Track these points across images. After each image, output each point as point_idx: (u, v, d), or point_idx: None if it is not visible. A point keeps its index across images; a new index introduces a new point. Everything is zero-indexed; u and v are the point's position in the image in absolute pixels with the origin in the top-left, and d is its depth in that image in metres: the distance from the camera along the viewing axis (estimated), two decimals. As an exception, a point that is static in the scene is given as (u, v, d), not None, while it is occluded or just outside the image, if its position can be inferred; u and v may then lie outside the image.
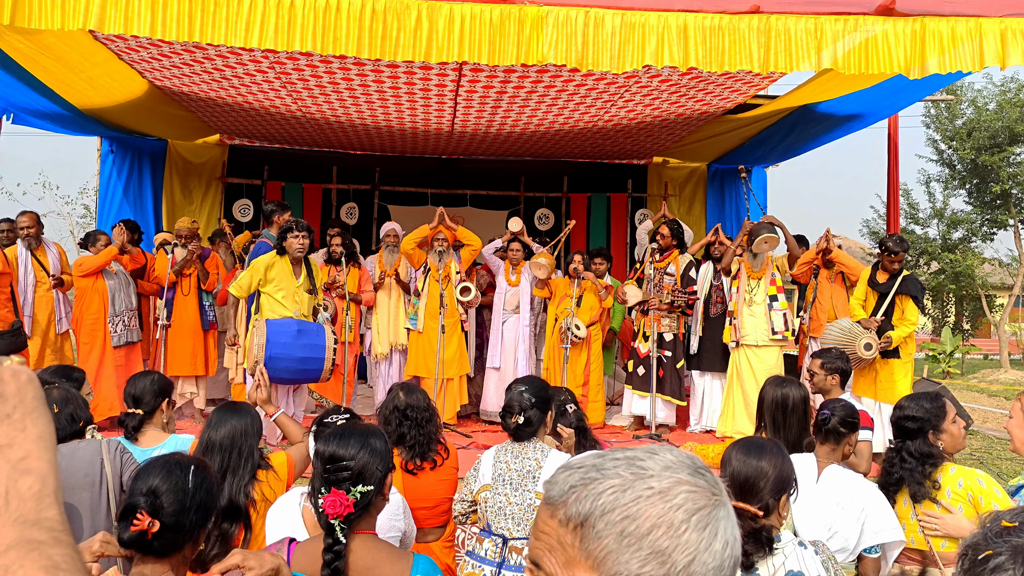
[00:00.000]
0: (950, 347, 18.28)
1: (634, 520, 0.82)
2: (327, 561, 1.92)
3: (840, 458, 3.02)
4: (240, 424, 2.67)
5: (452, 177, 10.19)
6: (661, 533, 0.81)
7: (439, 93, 6.91)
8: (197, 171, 9.66)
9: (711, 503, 0.84)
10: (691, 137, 8.62)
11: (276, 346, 5.29)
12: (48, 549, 0.56)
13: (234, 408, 2.77)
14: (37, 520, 0.58)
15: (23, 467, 0.59)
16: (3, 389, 0.62)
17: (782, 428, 3.23)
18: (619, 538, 0.82)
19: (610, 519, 0.82)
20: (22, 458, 0.60)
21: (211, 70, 6.48)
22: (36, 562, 0.55)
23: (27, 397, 0.63)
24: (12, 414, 0.61)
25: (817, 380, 4.12)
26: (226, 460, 2.60)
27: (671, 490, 0.83)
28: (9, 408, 0.61)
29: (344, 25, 4.06)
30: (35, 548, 0.56)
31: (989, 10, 4.43)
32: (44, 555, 0.56)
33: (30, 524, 0.57)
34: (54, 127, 7.91)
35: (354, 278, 7.29)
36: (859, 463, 3.89)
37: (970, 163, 21.50)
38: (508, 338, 7.24)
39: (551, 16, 4.18)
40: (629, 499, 0.83)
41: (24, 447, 0.60)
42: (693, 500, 0.83)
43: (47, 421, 0.63)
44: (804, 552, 2.14)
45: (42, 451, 0.61)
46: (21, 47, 5.57)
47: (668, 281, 6.88)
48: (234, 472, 2.59)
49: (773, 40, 4.30)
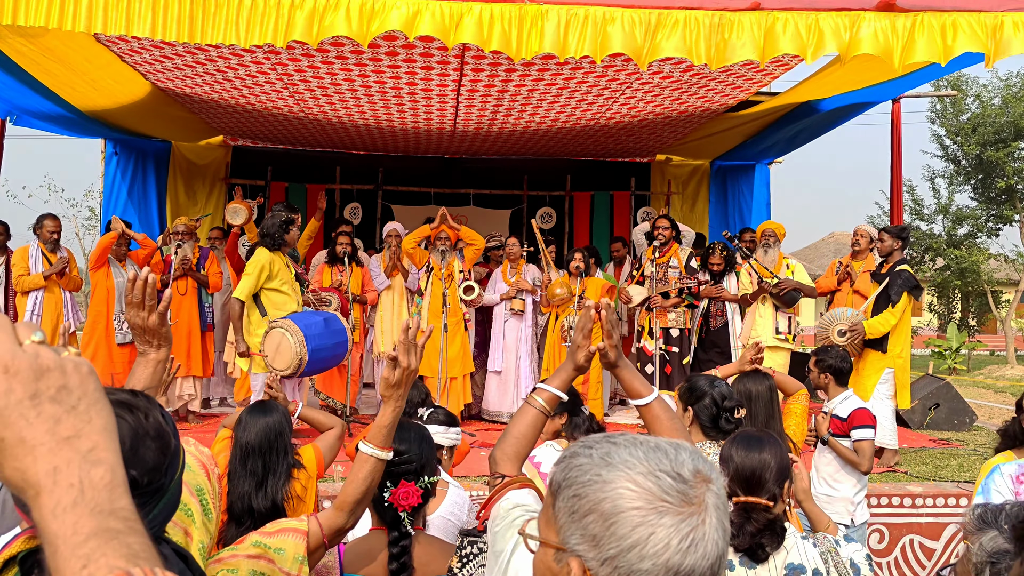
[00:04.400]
0: (956, 343, 18.23)
1: (579, 500, 0.87)
2: (395, 554, 1.91)
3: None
4: (273, 424, 2.66)
5: (455, 176, 10.19)
6: (592, 519, 0.85)
7: (441, 92, 6.92)
8: (201, 172, 9.69)
9: (653, 507, 0.83)
10: (694, 134, 8.61)
11: (314, 339, 5.12)
12: (126, 538, 0.58)
13: (263, 408, 2.73)
14: (112, 510, 0.59)
15: (93, 458, 0.60)
16: (67, 381, 0.62)
17: (748, 416, 3.31)
18: (568, 512, 0.88)
19: (567, 493, 0.90)
20: (91, 449, 0.60)
21: (213, 71, 6.50)
22: (116, 550, 0.56)
23: (90, 389, 0.63)
24: (77, 405, 0.62)
25: (812, 378, 4.21)
26: (266, 462, 2.59)
27: (613, 483, 0.86)
28: (74, 400, 0.62)
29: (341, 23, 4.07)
30: (114, 537, 0.57)
31: (990, 4, 4.42)
32: (123, 543, 0.57)
33: (106, 514, 0.58)
34: (57, 129, 7.94)
35: (357, 278, 7.30)
36: (861, 461, 3.90)
37: (975, 158, 21.40)
38: (510, 338, 7.23)
39: (551, 12, 4.19)
40: (583, 480, 0.88)
41: (92, 438, 0.61)
42: (630, 499, 0.84)
43: (110, 412, 0.64)
44: (805, 544, 2.14)
45: (108, 441, 0.62)
46: (24, 50, 5.59)
47: (673, 274, 6.89)
48: (273, 472, 2.59)
49: (773, 36, 4.29)
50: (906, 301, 5.78)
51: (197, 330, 6.94)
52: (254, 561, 1.72)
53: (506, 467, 1.71)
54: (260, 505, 2.53)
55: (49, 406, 0.60)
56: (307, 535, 1.79)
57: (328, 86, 6.82)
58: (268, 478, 2.57)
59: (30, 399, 0.60)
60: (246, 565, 1.71)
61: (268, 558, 1.73)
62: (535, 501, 1.54)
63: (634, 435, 0.93)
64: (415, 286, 7.31)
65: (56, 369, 0.62)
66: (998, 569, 1.39)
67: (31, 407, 0.60)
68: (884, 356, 5.78)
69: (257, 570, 1.71)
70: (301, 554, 1.76)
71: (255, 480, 2.56)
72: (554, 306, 6.96)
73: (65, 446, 0.60)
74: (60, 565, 0.56)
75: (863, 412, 3.97)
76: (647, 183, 10.34)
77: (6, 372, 0.60)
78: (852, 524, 3.95)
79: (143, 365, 1.85)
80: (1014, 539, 1.40)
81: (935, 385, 7.75)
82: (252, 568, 1.71)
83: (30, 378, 0.61)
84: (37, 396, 0.60)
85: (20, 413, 0.60)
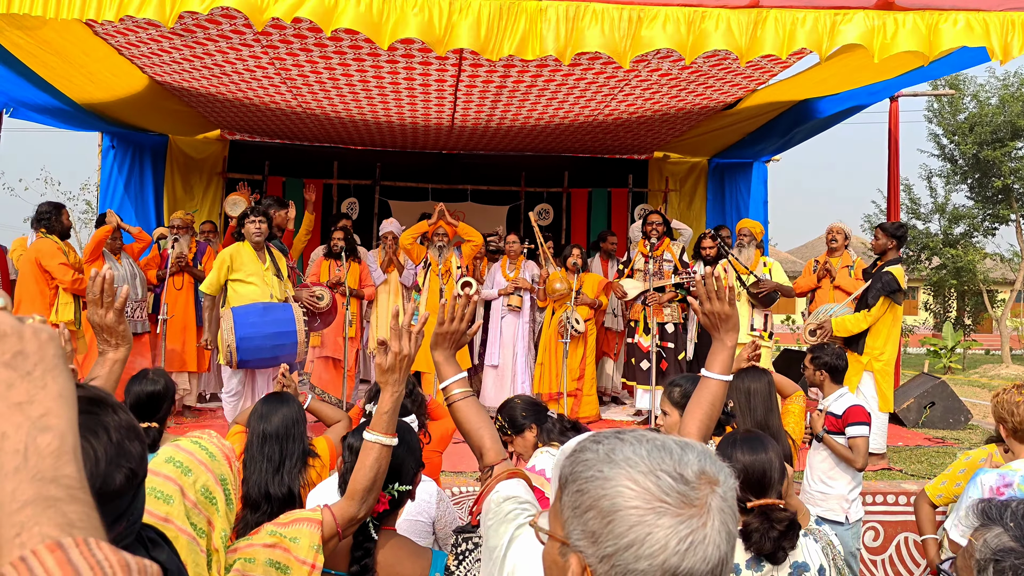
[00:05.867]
0: (951, 342, 18.27)
1: (581, 495, 0.87)
2: (357, 557, 1.92)
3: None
4: (290, 413, 2.71)
5: (452, 172, 10.19)
6: (592, 516, 0.85)
7: (439, 87, 6.91)
8: (198, 166, 9.66)
9: (651, 507, 0.82)
10: (691, 132, 8.61)
11: (245, 327, 5.21)
12: (64, 506, 0.57)
13: (281, 398, 2.79)
14: (55, 477, 0.58)
15: (42, 424, 0.60)
16: (24, 346, 0.62)
17: (748, 411, 3.32)
18: (572, 507, 0.88)
19: (571, 488, 0.90)
20: (42, 415, 0.60)
21: (211, 65, 6.48)
22: (51, 519, 0.56)
23: (48, 355, 0.63)
24: (33, 371, 0.62)
25: (807, 374, 4.21)
26: (284, 449, 2.63)
27: (613, 480, 0.85)
28: (30, 365, 0.62)
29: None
30: (51, 505, 0.57)
31: (990, 4, 4.42)
32: (60, 512, 0.57)
33: (47, 481, 0.58)
34: (54, 122, 7.92)
35: (355, 273, 7.29)
36: (855, 459, 3.91)
37: (972, 158, 21.43)
38: (507, 334, 7.24)
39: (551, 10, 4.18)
40: (587, 475, 0.88)
41: (44, 404, 0.61)
42: (629, 498, 0.83)
43: (67, 379, 0.64)
44: (806, 541, 2.14)
45: (62, 408, 0.62)
46: (21, 42, 5.57)
47: (668, 268, 6.90)
48: (290, 457, 2.64)
49: (772, 34, 4.29)
50: (882, 306, 5.63)
51: (193, 325, 6.92)
52: (270, 550, 1.74)
53: (489, 456, 1.75)
54: (277, 490, 2.55)
55: (2, 371, 0.61)
56: (321, 524, 1.82)
57: (326, 81, 6.80)
58: (284, 463, 2.61)
59: None
60: (263, 554, 1.73)
61: (283, 547, 1.76)
62: (525, 491, 1.55)
63: (643, 432, 0.92)
64: (411, 282, 7.30)
65: (13, 335, 0.62)
66: (1002, 567, 1.38)
67: None
68: (860, 357, 5.66)
69: (273, 559, 1.74)
70: (316, 543, 1.79)
71: (272, 466, 2.59)
72: (552, 301, 6.96)
73: (16, 411, 0.60)
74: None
75: (858, 409, 3.98)
76: (645, 180, 10.34)
77: None
78: (847, 521, 3.96)
79: (101, 365, 1.84)
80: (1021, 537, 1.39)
81: (930, 384, 7.77)
82: (269, 557, 1.73)
83: None
84: None
85: None
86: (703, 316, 1.89)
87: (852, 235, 7.23)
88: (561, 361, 6.73)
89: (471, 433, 1.81)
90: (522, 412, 3.01)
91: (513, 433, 3.01)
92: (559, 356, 6.79)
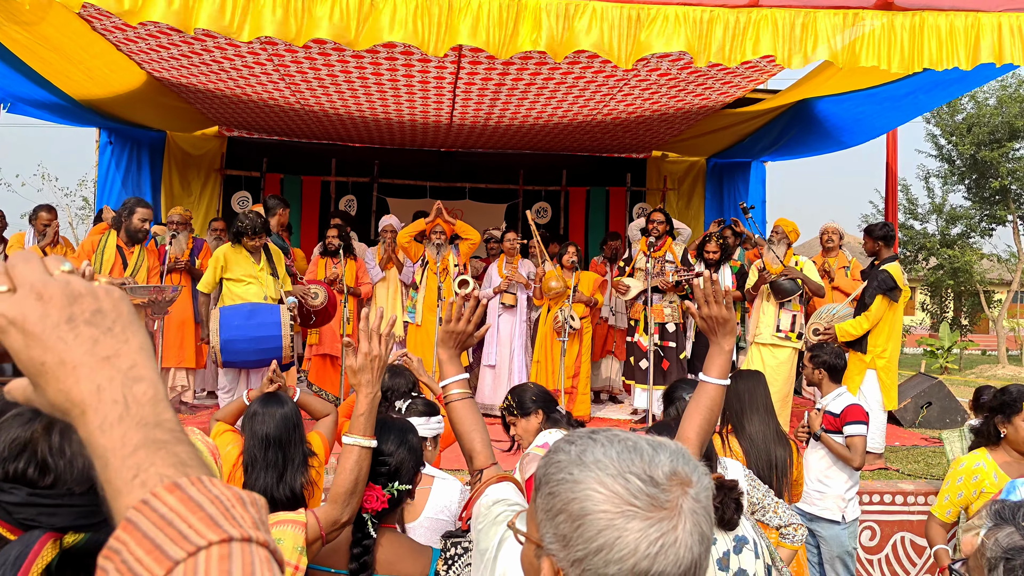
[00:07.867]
0: (948, 343, 18.30)
1: (553, 498, 0.87)
2: (356, 555, 1.91)
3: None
4: (290, 414, 2.67)
5: (451, 170, 10.18)
6: (563, 519, 0.85)
7: (438, 85, 6.90)
8: (196, 163, 9.65)
9: (620, 511, 0.82)
10: (690, 131, 8.61)
11: (229, 329, 5.33)
12: (173, 447, 0.60)
13: (278, 399, 2.73)
14: (158, 422, 0.61)
15: (134, 375, 0.62)
16: (100, 305, 0.64)
17: (746, 413, 3.36)
18: (544, 510, 0.88)
19: (544, 490, 0.89)
20: (131, 366, 0.62)
21: (209, 62, 6.47)
22: (165, 459, 0.58)
23: (123, 311, 0.65)
24: (113, 327, 0.63)
25: (806, 373, 4.25)
26: (285, 453, 2.59)
27: (583, 483, 0.85)
28: (109, 322, 0.64)
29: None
30: (161, 447, 0.59)
31: (989, 4, 4.42)
32: (171, 452, 0.59)
33: (152, 426, 0.60)
34: (52, 117, 7.89)
35: (351, 270, 7.28)
36: (853, 458, 3.92)
37: (969, 158, 21.46)
38: (504, 333, 7.23)
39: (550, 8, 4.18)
40: (558, 478, 0.88)
41: (130, 356, 0.63)
42: (598, 502, 0.83)
43: (145, 334, 0.66)
44: (742, 518, 2.17)
45: (147, 360, 0.64)
46: (19, 38, 5.55)
47: (669, 268, 6.89)
48: (292, 462, 2.60)
49: (772, 34, 4.29)
50: (880, 304, 5.62)
51: (191, 321, 6.91)
52: None
53: (479, 460, 1.77)
54: (280, 495, 2.53)
55: (85, 328, 0.62)
56: (305, 527, 1.82)
57: (325, 78, 6.79)
58: (288, 468, 2.58)
59: (67, 323, 0.62)
60: None
61: None
62: (515, 493, 1.55)
63: (616, 432, 0.91)
64: (409, 279, 7.30)
65: (88, 295, 0.64)
66: (1013, 565, 1.39)
67: (68, 330, 0.62)
68: (864, 356, 5.67)
69: None
70: (300, 544, 1.79)
71: (276, 472, 2.57)
72: (548, 298, 6.96)
73: (105, 365, 0.62)
74: (111, 477, 0.58)
75: (856, 408, 3.99)
76: (643, 179, 10.34)
77: (40, 299, 0.62)
78: (843, 520, 3.97)
79: None
80: None
81: (927, 384, 7.79)
82: None
83: (64, 303, 0.62)
84: (73, 320, 0.62)
85: (58, 336, 0.61)
86: (701, 320, 1.89)
87: (849, 236, 7.23)
88: (558, 358, 6.73)
89: (463, 435, 1.82)
90: (532, 396, 3.02)
91: (519, 414, 3.01)
92: (556, 353, 6.79)
